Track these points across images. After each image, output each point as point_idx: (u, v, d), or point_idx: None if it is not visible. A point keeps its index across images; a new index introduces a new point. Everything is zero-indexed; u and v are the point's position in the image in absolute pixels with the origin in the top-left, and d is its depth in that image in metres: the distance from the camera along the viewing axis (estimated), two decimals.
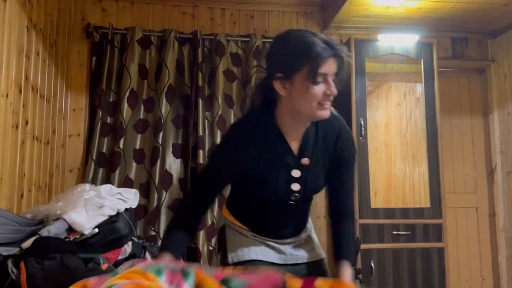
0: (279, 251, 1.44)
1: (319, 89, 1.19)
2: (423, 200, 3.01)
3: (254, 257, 1.38)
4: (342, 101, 3.27)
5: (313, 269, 1.45)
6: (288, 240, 1.46)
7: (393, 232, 2.91)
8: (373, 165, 3.00)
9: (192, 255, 2.99)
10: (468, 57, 3.64)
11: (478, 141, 3.74)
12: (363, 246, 2.86)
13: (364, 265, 2.85)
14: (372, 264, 2.85)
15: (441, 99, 3.16)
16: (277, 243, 1.44)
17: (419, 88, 3.13)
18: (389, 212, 2.95)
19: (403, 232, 2.92)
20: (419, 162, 3.05)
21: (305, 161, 1.32)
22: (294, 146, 1.32)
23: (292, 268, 1.42)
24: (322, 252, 1.52)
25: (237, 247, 1.41)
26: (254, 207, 1.43)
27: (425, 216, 2.95)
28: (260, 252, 1.40)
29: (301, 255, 1.47)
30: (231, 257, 1.40)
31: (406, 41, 3.14)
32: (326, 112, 1.22)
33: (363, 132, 2.98)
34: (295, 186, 1.34)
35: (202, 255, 2.96)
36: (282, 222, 1.44)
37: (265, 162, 1.29)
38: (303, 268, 1.44)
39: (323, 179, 1.39)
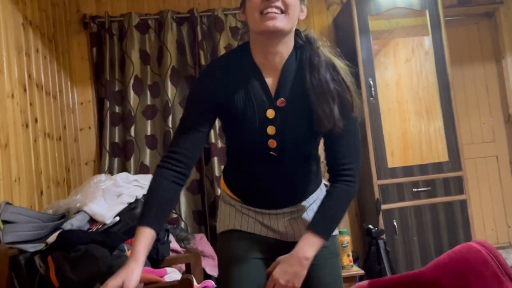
0: (267, 226, 1.28)
1: None
2: (441, 154, 2.97)
3: (237, 227, 1.29)
4: (348, 63, 3.20)
5: None
6: (282, 211, 1.27)
7: (413, 190, 2.89)
8: (387, 125, 2.95)
9: None
10: (475, 2, 3.51)
11: (493, 88, 3.65)
12: (384, 207, 2.85)
13: (386, 225, 2.84)
14: (395, 224, 2.84)
15: (451, 50, 3.06)
16: (269, 215, 1.28)
17: (427, 42, 3.04)
18: (407, 170, 2.92)
19: (423, 189, 2.90)
20: (434, 116, 2.99)
21: (280, 102, 1.18)
22: (272, 82, 1.19)
23: (286, 244, 1.25)
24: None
25: (225, 217, 1.33)
26: (240, 165, 1.31)
27: (444, 170, 2.92)
28: (246, 223, 1.29)
29: (295, 232, 1.27)
30: (218, 226, 1.35)
31: None
32: (271, 22, 1.09)
33: (373, 92, 2.92)
34: (271, 130, 1.19)
35: None
36: (270, 183, 1.26)
37: (241, 97, 1.19)
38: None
39: (304, 126, 1.19)
